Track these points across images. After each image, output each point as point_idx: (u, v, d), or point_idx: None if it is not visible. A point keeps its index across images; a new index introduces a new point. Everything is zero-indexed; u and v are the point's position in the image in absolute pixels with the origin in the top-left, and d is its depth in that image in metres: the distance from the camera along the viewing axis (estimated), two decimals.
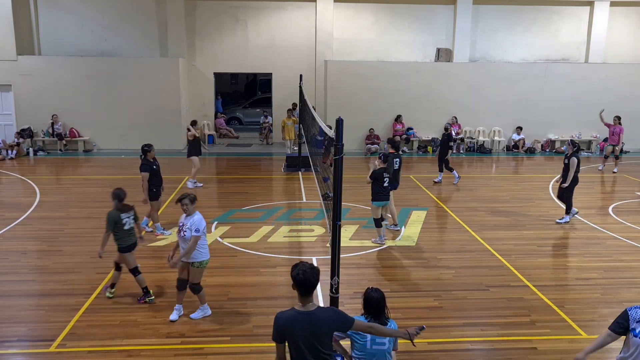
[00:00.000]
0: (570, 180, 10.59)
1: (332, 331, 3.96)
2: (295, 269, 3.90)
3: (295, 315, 3.87)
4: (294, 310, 3.90)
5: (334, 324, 3.95)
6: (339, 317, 4.01)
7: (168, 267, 8.52)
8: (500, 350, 6.27)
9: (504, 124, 20.11)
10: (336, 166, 5.21)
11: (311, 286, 3.87)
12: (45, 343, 6.25)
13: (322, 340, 3.88)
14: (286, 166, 16.25)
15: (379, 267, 8.70)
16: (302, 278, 3.84)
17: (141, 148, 9.97)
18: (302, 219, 11.35)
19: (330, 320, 3.93)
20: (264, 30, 20.08)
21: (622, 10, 20.75)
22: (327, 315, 3.94)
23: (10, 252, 9.24)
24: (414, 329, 4.22)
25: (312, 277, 3.86)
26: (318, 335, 3.85)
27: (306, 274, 3.85)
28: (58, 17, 19.43)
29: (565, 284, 8.20)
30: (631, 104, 20.02)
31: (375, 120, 19.55)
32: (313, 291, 3.90)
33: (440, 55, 20.26)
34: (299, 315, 3.86)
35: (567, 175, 10.63)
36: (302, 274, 3.84)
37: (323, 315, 3.91)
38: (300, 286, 3.86)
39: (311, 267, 3.92)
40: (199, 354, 6.07)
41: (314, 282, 3.87)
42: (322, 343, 3.88)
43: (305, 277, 3.84)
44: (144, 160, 9.90)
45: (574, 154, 10.67)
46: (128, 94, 18.74)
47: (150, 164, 9.91)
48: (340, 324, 3.99)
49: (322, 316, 3.90)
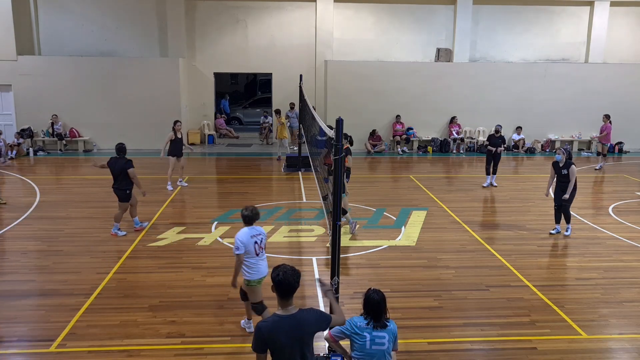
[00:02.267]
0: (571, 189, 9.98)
1: (316, 331, 3.91)
2: (276, 270, 3.82)
3: (278, 321, 3.76)
4: (276, 315, 3.80)
5: (318, 324, 3.91)
6: (322, 315, 4.00)
7: (168, 267, 8.56)
8: (500, 350, 6.27)
9: (504, 124, 19.96)
10: (336, 166, 5.21)
11: (291, 288, 3.78)
12: (45, 343, 6.25)
13: (308, 343, 3.83)
14: (286, 166, 16.25)
15: (379, 267, 8.69)
16: (282, 279, 3.75)
17: (122, 148, 9.82)
18: (302, 219, 11.35)
19: (315, 320, 3.88)
20: (264, 30, 20.08)
21: (622, 10, 20.76)
22: (311, 316, 3.88)
23: (10, 252, 9.24)
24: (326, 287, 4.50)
25: (292, 279, 3.77)
26: (304, 338, 3.80)
27: (286, 275, 3.76)
28: (58, 17, 19.43)
29: (565, 284, 8.20)
30: (631, 104, 20.04)
31: (376, 120, 19.57)
32: (293, 294, 3.81)
33: (440, 55, 20.26)
34: (283, 320, 3.76)
35: (567, 187, 9.94)
36: (282, 275, 3.76)
37: (307, 316, 3.85)
38: (280, 288, 3.77)
39: (292, 269, 3.84)
40: (199, 354, 6.07)
41: (294, 283, 3.78)
42: (308, 346, 3.83)
43: (284, 278, 3.75)
44: (128, 159, 9.84)
45: (572, 162, 10.02)
46: (128, 94, 18.75)
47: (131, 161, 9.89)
48: (323, 322, 3.97)
49: (306, 317, 3.84)
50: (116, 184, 9.83)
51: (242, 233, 5.98)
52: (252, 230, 6.04)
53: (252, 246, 5.97)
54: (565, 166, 9.99)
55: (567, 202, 9.98)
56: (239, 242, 5.91)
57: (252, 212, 6.05)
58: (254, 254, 6.00)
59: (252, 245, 5.97)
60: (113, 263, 8.64)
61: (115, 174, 9.75)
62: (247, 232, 5.99)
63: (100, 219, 10.95)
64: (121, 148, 9.81)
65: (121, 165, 9.69)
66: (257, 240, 6.03)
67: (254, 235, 6.01)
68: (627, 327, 6.81)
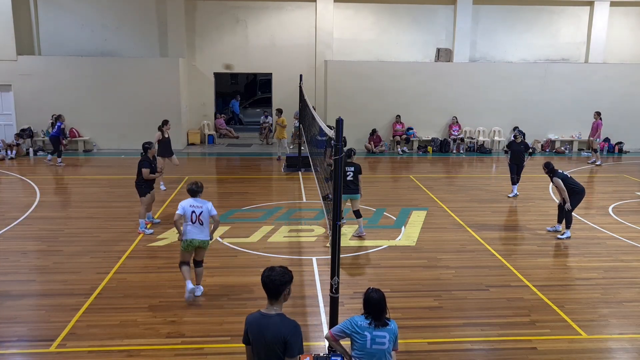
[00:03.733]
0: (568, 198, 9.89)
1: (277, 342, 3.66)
2: (266, 271, 3.81)
3: (258, 318, 3.80)
4: (259, 312, 3.83)
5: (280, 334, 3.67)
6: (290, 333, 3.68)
7: (169, 267, 8.55)
8: (500, 350, 6.27)
9: (504, 124, 20.12)
10: (336, 166, 5.21)
11: (274, 289, 3.74)
12: (45, 343, 6.25)
13: (272, 349, 3.68)
14: (286, 166, 16.25)
15: (379, 267, 8.69)
16: (265, 279, 3.76)
17: (142, 145, 10.28)
18: (302, 219, 11.35)
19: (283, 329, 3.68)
20: (264, 30, 20.08)
21: (622, 10, 20.76)
22: (282, 323, 3.72)
23: (10, 252, 9.23)
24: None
25: (277, 280, 3.72)
26: (268, 341, 3.69)
27: (270, 277, 3.73)
28: (58, 17, 19.43)
29: (565, 284, 8.19)
30: (631, 104, 20.04)
31: (376, 120, 19.57)
32: (277, 296, 3.76)
33: (440, 55, 20.26)
34: (261, 318, 3.78)
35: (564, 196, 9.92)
36: (267, 276, 3.75)
37: (278, 322, 3.72)
38: (265, 288, 3.78)
39: (282, 270, 3.79)
40: (199, 354, 6.07)
41: (279, 286, 3.72)
42: (272, 352, 3.69)
43: (268, 280, 3.74)
44: (144, 157, 10.16)
45: (555, 175, 9.98)
46: (128, 94, 18.75)
47: (149, 161, 10.18)
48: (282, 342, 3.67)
49: (276, 322, 3.72)
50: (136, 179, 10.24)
51: (185, 201, 7.28)
52: (195, 201, 7.25)
53: (190, 214, 7.16)
54: (551, 179, 10.15)
55: (569, 209, 9.99)
56: (180, 207, 7.23)
57: (195, 186, 7.33)
58: (190, 220, 7.17)
59: (189, 212, 7.16)
60: (113, 263, 8.64)
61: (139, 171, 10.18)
62: (188, 202, 7.25)
63: (100, 219, 10.95)
64: (143, 146, 10.28)
65: (139, 162, 10.14)
66: (196, 211, 7.18)
67: (192, 205, 7.21)
68: (627, 327, 6.81)
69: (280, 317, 3.77)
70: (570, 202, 9.93)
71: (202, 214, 7.15)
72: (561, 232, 10.21)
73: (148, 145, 10.24)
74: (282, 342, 3.67)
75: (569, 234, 10.10)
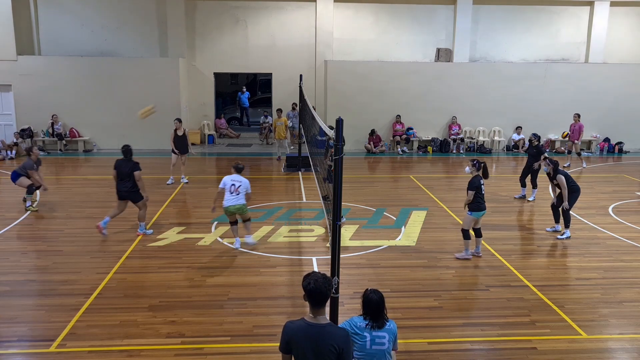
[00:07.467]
0: (567, 197, 9.90)
1: (332, 352, 3.66)
2: (307, 279, 3.73)
3: (304, 327, 3.69)
4: (303, 320, 3.73)
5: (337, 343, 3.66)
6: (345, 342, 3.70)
7: (168, 267, 8.56)
8: (500, 350, 6.27)
9: (504, 124, 20.12)
10: (336, 166, 5.21)
11: (323, 296, 3.68)
12: (45, 343, 6.25)
13: (324, 358, 3.66)
14: (286, 166, 16.25)
15: (379, 267, 8.69)
16: (313, 287, 3.66)
17: (128, 149, 9.96)
18: (302, 219, 11.35)
19: (338, 338, 3.67)
20: (264, 30, 20.08)
21: (622, 10, 20.76)
22: (335, 333, 3.70)
23: (10, 252, 9.23)
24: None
25: (323, 287, 3.67)
26: (321, 351, 3.65)
27: (317, 283, 3.66)
28: (58, 17, 19.43)
29: (565, 284, 8.19)
30: (631, 104, 20.05)
31: (376, 120, 19.57)
32: (325, 302, 3.72)
33: (440, 55, 20.27)
34: (308, 328, 3.68)
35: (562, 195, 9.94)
36: (314, 283, 3.67)
37: (332, 331, 3.69)
38: (311, 296, 3.68)
39: (323, 276, 3.75)
40: (199, 354, 6.07)
41: (326, 292, 3.68)
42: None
43: (316, 287, 3.66)
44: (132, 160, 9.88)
45: (558, 171, 9.98)
46: (128, 94, 18.75)
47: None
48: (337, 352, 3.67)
49: (332, 332, 3.68)
50: (125, 185, 9.79)
51: (227, 177, 9.14)
52: (235, 177, 9.14)
53: (230, 186, 9.07)
54: (553, 177, 10.11)
55: (567, 208, 9.99)
56: (222, 182, 9.16)
57: (238, 165, 9.31)
58: (229, 192, 9.06)
59: (229, 185, 9.07)
60: (113, 263, 8.64)
61: (123, 176, 9.78)
62: (230, 177, 9.14)
63: (100, 219, 10.92)
64: (127, 150, 9.94)
65: (131, 167, 9.74)
66: (235, 184, 9.07)
67: (233, 180, 9.11)
68: (627, 327, 6.81)
69: (332, 327, 3.74)
70: (568, 201, 9.94)
71: (240, 187, 9.03)
72: (561, 232, 10.22)
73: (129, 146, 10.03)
74: (336, 352, 3.65)
75: (569, 233, 10.09)
